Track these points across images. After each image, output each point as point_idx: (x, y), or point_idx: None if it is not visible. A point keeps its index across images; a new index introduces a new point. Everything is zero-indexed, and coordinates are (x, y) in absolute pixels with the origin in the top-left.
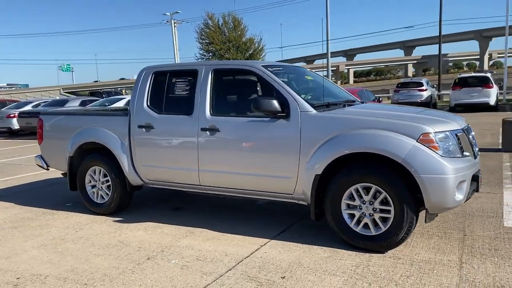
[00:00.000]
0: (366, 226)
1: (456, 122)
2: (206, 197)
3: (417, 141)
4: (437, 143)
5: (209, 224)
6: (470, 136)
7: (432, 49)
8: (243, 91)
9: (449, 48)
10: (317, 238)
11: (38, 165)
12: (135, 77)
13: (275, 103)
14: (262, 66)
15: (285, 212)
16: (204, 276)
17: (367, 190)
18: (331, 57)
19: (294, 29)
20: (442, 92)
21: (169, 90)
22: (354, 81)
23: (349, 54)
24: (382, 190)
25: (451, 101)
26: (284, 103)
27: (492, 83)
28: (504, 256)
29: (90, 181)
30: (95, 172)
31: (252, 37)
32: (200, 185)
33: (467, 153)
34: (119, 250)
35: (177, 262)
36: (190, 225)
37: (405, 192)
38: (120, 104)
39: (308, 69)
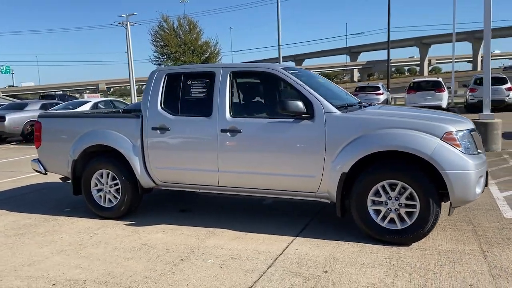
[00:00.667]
0: (391, 221)
1: (468, 122)
2: (212, 198)
3: (441, 139)
4: (459, 141)
5: (228, 224)
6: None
7: (376, 55)
8: (262, 93)
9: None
10: (339, 234)
11: (35, 170)
12: (81, 80)
13: (301, 104)
14: (282, 68)
15: (296, 210)
16: (247, 273)
17: (392, 186)
18: (282, 62)
19: (247, 34)
20: (391, 95)
21: (184, 92)
22: None
23: (298, 59)
24: (408, 186)
25: (406, 104)
26: (308, 104)
27: (444, 87)
28: None
29: (97, 185)
30: (102, 176)
31: (208, 40)
32: (218, 186)
33: (479, 150)
34: (147, 253)
35: (213, 261)
36: (207, 226)
37: (431, 187)
38: (85, 108)
39: (315, 73)
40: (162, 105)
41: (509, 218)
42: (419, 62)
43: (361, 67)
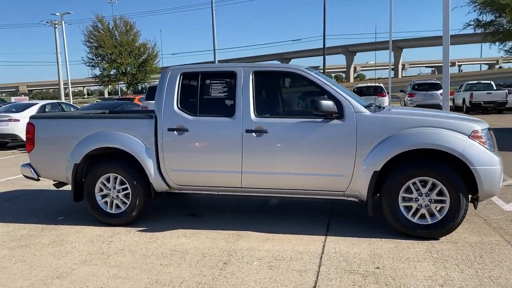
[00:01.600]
0: (422, 216)
1: (484, 122)
2: (216, 200)
3: (469, 137)
4: (484, 139)
5: (248, 226)
6: None
7: (305, 62)
8: (286, 93)
9: (319, 61)
10: (366, 231)
11: (25, 176)
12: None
13: (333, 104)
14: (306, 69)
15: (308, 209)
16: (302, 274)
17: (422, 183)
18: None
19: (182, 37)
20: None
21: (203, 92)
22: None
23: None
24: (438, 183)
25: None
26: (337, 104)
27: (385, 92)
28: None
29: (102, 190)
30: (108, 180)
31: (146, 42)
32: (240, 187)
33: (496, 148)
34: (183, 258)
35: (258, 263)
36: (228, 229)
37: (460, 183)
38: (32, 111)
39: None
40: (179, 105)
41: (509, 210)
42: (345, 69)
43: None
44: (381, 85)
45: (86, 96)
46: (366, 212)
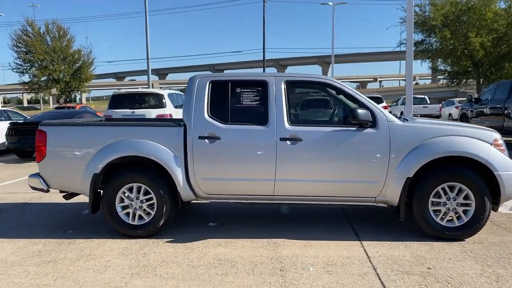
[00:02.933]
0: (450, 219)
1: (497, 132)
2: (230, 209)
3: (491, 145)
4: (503, 146)
5: (278, 234)
6: None
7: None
8: (317, 103)
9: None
10: (394, 235)
11: (33, 187)
12: None
13: (369, 114)
14: (335, 80)
15: (323, 215)
16: (364, 277)
17: (451, 188)
18: (142, 75)
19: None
20: None
21: (233, 100)
22: None
23: (161, 73)
24: (465, 188)
25: None
26: (371, 113)
27: (385, 104)
28: None
29: (123, 200)
30: (130, 190)
31: (80, 48)
32: (272, 195)
33: None
34: (234, 267)
35: (315, 269)
36: (259, 237)
37: (485, 187)
38: None
39: None
40: (210, 113)
41: (506, 212)
42: None
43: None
44: (379, 95)
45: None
46: (383, 216)
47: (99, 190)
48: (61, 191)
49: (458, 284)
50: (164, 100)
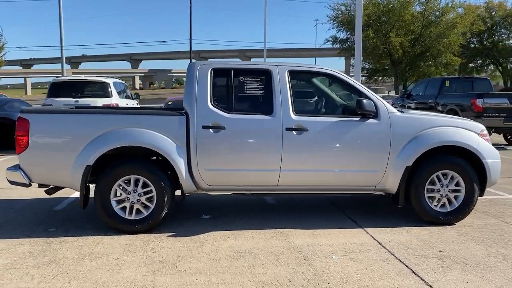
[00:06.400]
0: (442, 205)
1: None
2: (221, 201)
3: (478, 135)
4: (487, 136)
5: (280, 224)
6: None
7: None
8: (320, 93)
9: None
10: (391, 221)
11: (13, 182)
12: None
13: (373, 104)
14: (338, 71)
15: (314, 205)
16: (388, 262)
17: (444, 176)
18: (52, 63)
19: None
20: None
21: (237, 89)
22: None
23: (74, 61)
24: (457, 175)
25: None
26: (374, 104)
27: None
28: None
29: (120, 194)
30: (127, 183)
31: None
32: (276, 185)
33: None
34: (258, 259)
35: (337, 257)
36: (263, 228)
37: (474, 174)
38: None
39: None
40: (213, 102)
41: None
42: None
43: (143, 74)
44: None
45: None
46: (370, 204)
47: (87, 184)
48: (41, 185)
49: (475, 264)
50: (109, 89)
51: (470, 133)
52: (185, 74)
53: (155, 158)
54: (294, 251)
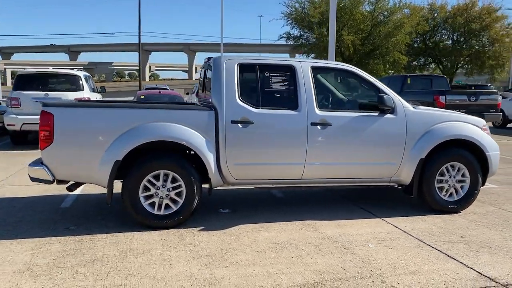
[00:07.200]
0: (450, 194)
1: None
2: (233, 195)
3: (481, 129)
4: (488, 130)
5: (305, 216)
6: None
7: (98, 56)
8: (340, 88)
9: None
10: (399, 211)
11: (36, 179)
12: None
13: (392, 100)
14: (357, 68)
15: (321, 198)
16: (421, 248)
17: (452, 167)
18: None
19: None
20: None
21: (263, 84)
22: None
23: (4, 52)
24: (463, 166)
25: None
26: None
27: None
28: None
29: (149, 189)
30: (156, 178)
31: None
32: (301, 178)
33: None
34: (301, 249)
35: (373, 245)
36: (287, 220)
37: (478, 165)
38: None
39: None
40: (240, 97)
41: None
42: (138, 67)
43: (82, 67)
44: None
45: None
46: (378, 195)
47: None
48: (59, 181)
49: (498, 248)
50: (81, 82)
51: (474, 128)
52: (126, 67)
53: (182, 153)
54: (330, 241)
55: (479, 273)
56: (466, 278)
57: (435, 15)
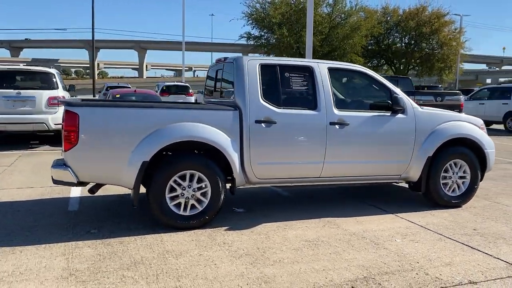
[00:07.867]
0: (453, 190)
1: None
2: (241, 194)
3: (479, 128)
4: (485, 129)
5: (321, 214)
6: None
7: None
8: (355, 89)
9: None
10: (407, 208)
11: (59, 181)
12: None
13: (404, 101)
14: (370, 70)
15: (327, 196)
16: (443, 241)
17: (455, 164)
18: None
19: None
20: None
21: (283, 84)
22: None
23: None
24: (464, 163)
25: None
26: None
27: (191, 91)
28: None
29: (176, 190)
30: (182, 178)
31: None
32: (319, 177)
33: None
34: (334, 246)
35: (400, 240)
36: (305, 218)
37: (477, 162)
38: None
39: None
40: (263, 97)
41: None
42: (88, 65)
43: (25, 63)
44: (188, 85)
45: None
46: (382, 192)
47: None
48: (80, 183)
49: (509, 237)
50: (55, 80)
51: (474, 127)
52: (73, 65)
53: (206, 153)
54: (358, 237)
55: (507, 262)
56: (498, 267)
57: (388, 18)
